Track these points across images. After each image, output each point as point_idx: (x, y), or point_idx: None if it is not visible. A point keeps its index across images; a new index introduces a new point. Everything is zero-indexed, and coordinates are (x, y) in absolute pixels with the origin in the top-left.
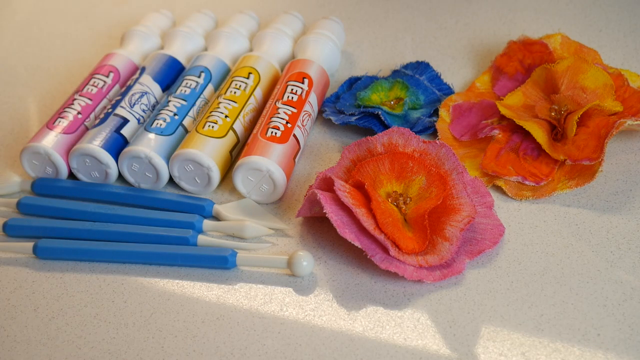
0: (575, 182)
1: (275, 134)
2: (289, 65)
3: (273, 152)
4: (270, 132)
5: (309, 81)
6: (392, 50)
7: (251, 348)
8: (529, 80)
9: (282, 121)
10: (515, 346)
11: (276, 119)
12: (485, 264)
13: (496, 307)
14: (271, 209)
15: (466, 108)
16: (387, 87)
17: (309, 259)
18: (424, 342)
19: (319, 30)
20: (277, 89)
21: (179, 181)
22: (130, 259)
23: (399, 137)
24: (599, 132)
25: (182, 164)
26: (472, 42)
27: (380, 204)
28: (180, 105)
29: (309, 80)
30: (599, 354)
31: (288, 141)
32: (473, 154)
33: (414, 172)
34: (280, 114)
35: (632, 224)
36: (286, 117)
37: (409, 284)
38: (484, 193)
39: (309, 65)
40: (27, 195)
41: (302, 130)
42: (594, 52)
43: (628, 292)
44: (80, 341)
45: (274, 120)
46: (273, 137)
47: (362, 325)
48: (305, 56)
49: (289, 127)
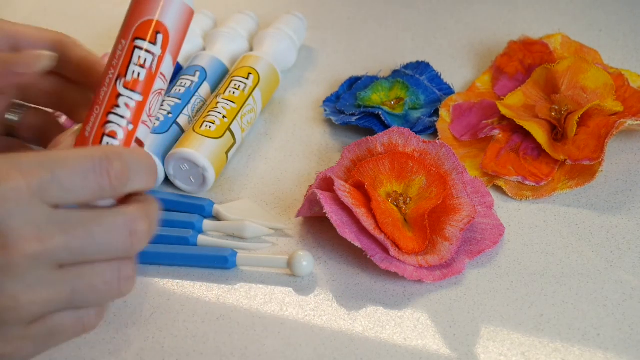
0: (576, 182)
1: (210, 128)
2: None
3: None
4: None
5: (164, 38)
6: (392, 50)
7: (251, 348)
8: (530, 80)
9: (122, 122)
10: (515, 346)
11: (213, 113)
12: (485, 264)
13: (496, 307)
14: (271, 209)
15: (466, 108)
16: (388, 87)
17: (309, 259)
18: (424, 342)
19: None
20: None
21: (174, 180)
22: None
23: (399, 137)
24: (599, 132)
25: (178, 163)
26: (472, 42)
27: (380, 204)
28: (174, 104)
29: (164, 37)
30: (599, 354)
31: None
32: (473, 154)
33: (414, 172)
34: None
35: (632, 224)
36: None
37: (409, 284)
38: (484, 193)
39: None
40: None
41: (148, 123)
42: (595, 52)
43: (628, 292)
44: (80, 341)
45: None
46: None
47: (362, 325)
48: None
49: (130, 131)
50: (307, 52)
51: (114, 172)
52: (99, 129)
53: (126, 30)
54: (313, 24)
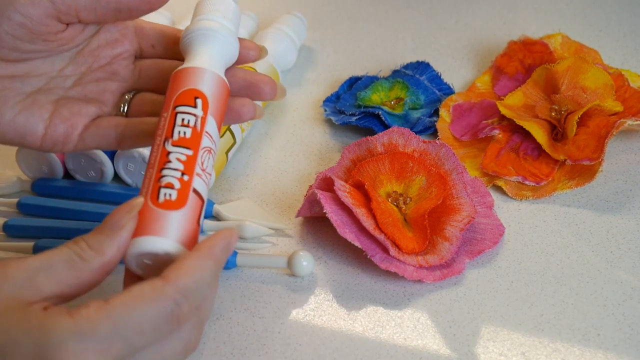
0: (576, 182)
1: (170, 196)
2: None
3: (170, 225)
4: (164, 194)
5: (203, 102)
6: (392, 50)
7: (251, 348)
8: (530, 80)
9: (176, 174)
10: (515, 346)
11: (168, 172)
12: (485, 264)
13: (496, 307)
14: (271, 209)
15: (466, 108)
16: (388, 87)
17: (309, 259)
18: (424, 342)
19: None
20: (163, 120)
21: None
22: None
23: (399, 137)
24: (599, 132)
25: None
26: (472, 42)
27: (380, 204)
28: None
29: (203, 101)
30: (599, 354)
31: (187, 203)
32: (473, 154)
33: (414, 172)
34: (173, 163)
35: (632, 224)
36: (180, 167)
37: (409, 284)
38: (484, 193)
39: (198, 77)
40: (27, 195)
41: (203, 177)
42: (595, 52)
43: (628, 292)
44: None
45: (166, 174)
46: (167, 201)
47: (362, 325)
48: (192, 63)
49: (185, 181)
50: (307, 52)
51: (184, 314)
52: (154, 183)
53: (167, 104)
54: (313, 24)
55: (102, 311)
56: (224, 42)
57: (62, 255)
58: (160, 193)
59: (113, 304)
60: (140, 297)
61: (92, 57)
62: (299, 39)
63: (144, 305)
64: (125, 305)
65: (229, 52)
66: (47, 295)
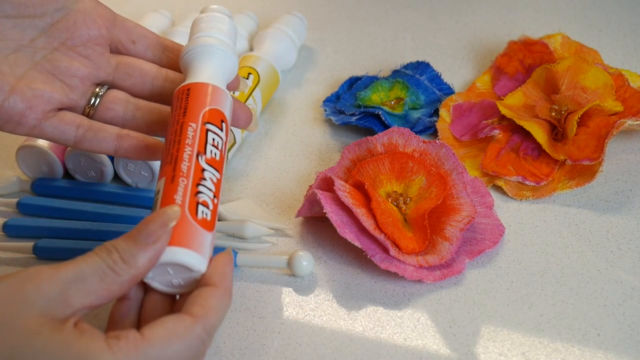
0: (576, 182)
1: (206, 216)
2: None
3: (205, 244)
4: (201, 211)
5: (226, 127)
6: (392, 50)
7: (251, 348)
8: (530, 80)
9: (210, 194)
10: (515, 346)
11: (204, 190)
12: (485, 264)
13: (496, 307)
14: (271, 209)
15: (466, 108)
16: (388, 87)
17: (309, 259)
18: (424, 342)
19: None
20: (193, 133)
21: None
22: None
23: (399, 137)
24: (599, 132)
25: None
26: (472, 42)
27: (380, 204)
28: None
29: (226, 126)
30: (599, 354)
31: (214, 228)
32: (473, 154)
33: (414, 172)
34: (208, 182)
35: (632, 224)
36: (213, 188)
37: (409, 284)
38: (484, 193)
39: (223, 100)
40: (27, 195)
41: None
42: (595, 52)
43: (628, 292)
44: None
45: (203, 192)
46: (204, 220)
47: (362, 325)
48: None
49: (215, 205)
50: (307, 52)
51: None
52: (192, 197)
53: (191, 114)
54: (313, 24)
55: (140, 347)
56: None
57: (94, 265)
58: (199, 210)
59: (150, 340)
60: (174, 334)
61: (67, 33)
62: (299, 39)
63: (177, 344)
64: (161, 341)
65: (232, 70)
66: (77, 308)
